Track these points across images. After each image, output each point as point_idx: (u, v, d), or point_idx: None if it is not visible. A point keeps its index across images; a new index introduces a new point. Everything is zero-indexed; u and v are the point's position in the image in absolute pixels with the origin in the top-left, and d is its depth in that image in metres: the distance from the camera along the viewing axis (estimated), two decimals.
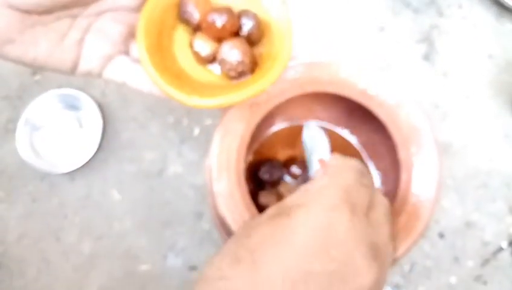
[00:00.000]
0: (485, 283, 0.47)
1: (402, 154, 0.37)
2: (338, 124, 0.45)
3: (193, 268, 0.47)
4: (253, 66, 0.34)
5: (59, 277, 0.47)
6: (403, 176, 0.36)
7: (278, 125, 0.45)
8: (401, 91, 0.38)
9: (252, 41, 0.35)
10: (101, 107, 0.51)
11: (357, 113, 0.42)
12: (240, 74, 0.34)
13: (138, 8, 0.34)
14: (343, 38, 0.55)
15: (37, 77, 0.53)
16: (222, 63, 0.34)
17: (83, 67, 0.33)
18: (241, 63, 0.33)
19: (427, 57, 0.54)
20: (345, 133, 0.45)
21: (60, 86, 0.51)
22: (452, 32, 0.55)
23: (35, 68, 0.32)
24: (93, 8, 0.32)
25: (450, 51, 0.54)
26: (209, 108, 0.32)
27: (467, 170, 0.50)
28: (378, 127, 0.39)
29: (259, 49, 0.35)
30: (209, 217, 0.48)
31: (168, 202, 0.49)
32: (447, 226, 0.48)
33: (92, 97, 0.50)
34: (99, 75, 0.34)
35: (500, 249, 0.48)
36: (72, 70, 0.33)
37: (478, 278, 0.47)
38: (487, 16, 0.55)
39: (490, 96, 0.53)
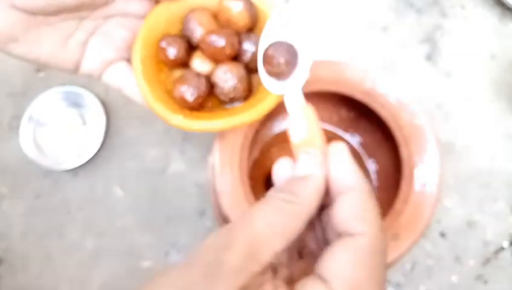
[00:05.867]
0: (486, 282, 0.47)
1: (404, 153, 0.37)
2: (341, 123, 0.45)
3: None
4: (247, 93, 0.33)
5: (62, 273, 0.47)
6: (405, 176, 0.37)
7: (282, 124, 0.46)
8: (403, 91, 0.38)
9: (251, 68, 0.33)
10: (104, 104, 0.51)
11: (359, 112, 0.42)
12: (232, 100, 0.33)
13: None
14: (346, 38, 0.55)
15: (41, 74, 0.53)
16: (215, 86, 0.33)
17: (84, 68, 0.34)
18: (233, 88, 0.32)
19: (430, 57, 0.54)
20: (347, 133, 0.46)
21: (63, 84, 0.51)
22: (455, 32, 0.55)
23: (39, 66, 0.32)
24: (101, 12, 0.32)
25: (452, 51, 0.54)
26: (190, 130, 0.31)
27: (469, 170, 0.50)
28: (381, 127, 0.39)
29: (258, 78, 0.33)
30: (211, 215, 0.48)
31: (171, 199, 0.49)
32: (448, 225, 0.49)
33: (96, 95, 0.51)
34: (99, 77, 0.34)
35: (502, 248, 0.48)
36: (74, 70, 0.34)
37: (479, 278, 0.47)
38: (490, 16, 0.55)
39: (492, 96, 0.53)
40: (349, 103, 0.40)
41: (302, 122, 0.27)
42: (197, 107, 0.32)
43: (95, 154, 0.49)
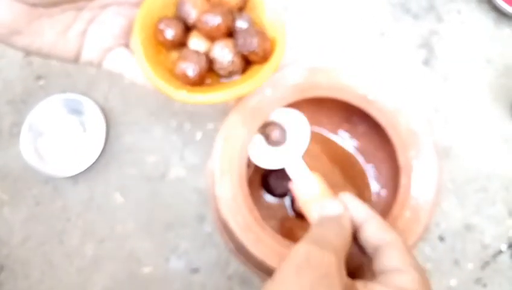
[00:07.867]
0: (484, 285, 0.47)
1: (401, 158, 0.37)
2: (338, 128, 0.46)
3: (195, 271, 0.47)
4: (244, 66, 0.35)
5: (62, 280, 0.47)
6: (403, 180, 0.37)
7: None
8: (400, 96, 0.38)
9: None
10: (104, 111, 0.51)
11: (357, 117, 0.42)
12: (230, 73, 0.35)
13: (141, 4, 0.35)
14: (343, 44, 0.55)
15: (41, 82, 0.53)
16: (213, 62, 0.35)
17: (84, 57, 0.35)
18: (231, 63, 0.34)
19: (426, 62, 0.54)
20: (345, 138, 0.46)
21: (63, 91, 0.52)
22: (451, 37, 0.55)
23: (41, 56, 0.33)
24: (98, 1, 0.34)
25: (449, 56, 0.55)
26: (196, 104, 0.34)
27: (467, 174, 0.51)
28: (378, 132, 0.39)
29: None
30: (211, 220, 0.48)
31: (171, 205, 0.49)
32: (447, 229, 0.49)
33: (95, 102, 0.51)
34: (99, 65, 0.36)
35: (500, 252, 0.48)
36: (75, 59, 0.35)
37: (478, 281, 0.47)
38: (486, 21, 0.56)
39: (489, 100, 0.53)
40: (347, 108, 0.40)
41: (312, 184, 0.36)
42: (198, 82, 0.34)
43: (95, 161, 0.49)
